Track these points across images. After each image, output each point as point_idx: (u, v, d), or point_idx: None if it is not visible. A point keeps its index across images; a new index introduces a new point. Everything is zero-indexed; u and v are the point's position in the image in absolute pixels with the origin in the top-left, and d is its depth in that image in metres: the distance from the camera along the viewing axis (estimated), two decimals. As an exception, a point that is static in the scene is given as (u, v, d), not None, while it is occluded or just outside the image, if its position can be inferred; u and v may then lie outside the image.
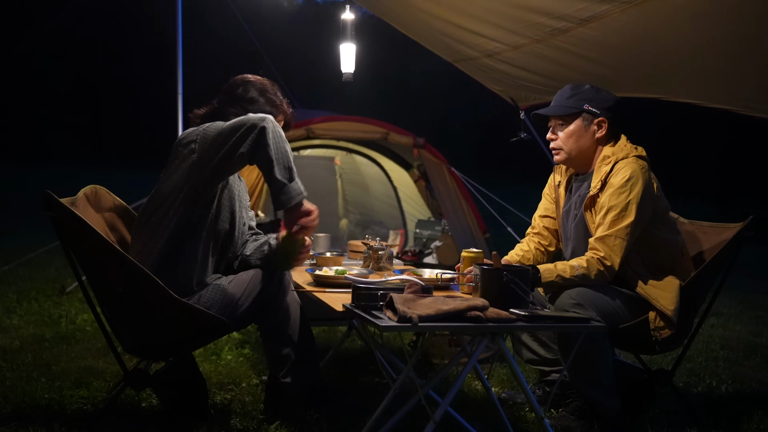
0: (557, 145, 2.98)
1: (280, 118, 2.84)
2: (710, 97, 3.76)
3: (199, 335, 2.70)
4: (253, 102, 2.79)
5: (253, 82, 2.85)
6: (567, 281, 2.72)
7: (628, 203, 2.73)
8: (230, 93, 2.82)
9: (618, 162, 2.82)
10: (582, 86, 2.97)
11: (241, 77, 2.86)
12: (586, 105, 2.91)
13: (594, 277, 2.72)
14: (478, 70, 4.75)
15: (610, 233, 2.73)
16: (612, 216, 2.74)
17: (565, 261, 2.82)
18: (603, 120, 2.90)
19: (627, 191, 2.74)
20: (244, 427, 2.73)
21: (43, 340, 4.00)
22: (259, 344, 3.95)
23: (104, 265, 2.58)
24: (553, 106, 3.00)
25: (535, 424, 2.92)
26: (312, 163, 7.94)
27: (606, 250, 2.72)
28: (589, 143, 2.93)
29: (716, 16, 2.97)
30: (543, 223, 3.19)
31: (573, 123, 2.93)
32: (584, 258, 2.76)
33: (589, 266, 2.72)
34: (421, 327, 2.14)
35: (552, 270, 2.75)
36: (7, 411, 2.84)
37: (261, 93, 2.82)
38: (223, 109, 2.78)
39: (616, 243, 2.72)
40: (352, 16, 4.60)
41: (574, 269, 2.73)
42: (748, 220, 2.91)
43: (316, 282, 2.88)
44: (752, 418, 3.09)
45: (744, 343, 4.80)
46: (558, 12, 3.40)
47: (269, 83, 2.89)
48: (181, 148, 2.62)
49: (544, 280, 2.73)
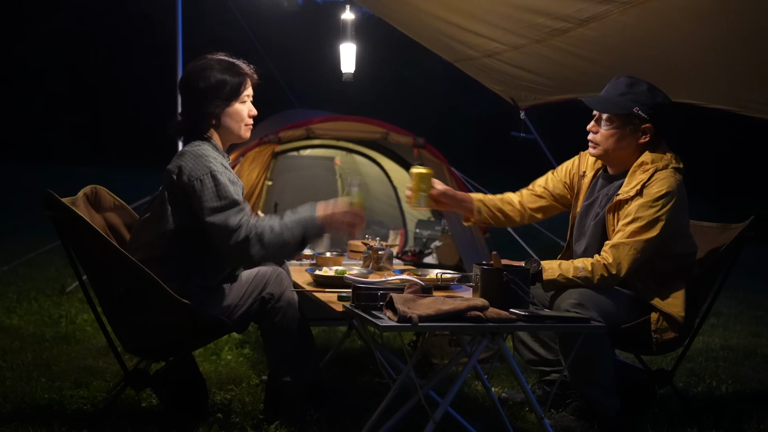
0: (596, 140, 2.86)
1: (248, 84, 2.77)
2: (710, 97, 3.76)
3: (199, 335, 2.70)
4: (223, 84, 2.68)
5: (210, 64, 2.72)
6: (569, 281, 2.68)
7: (655, 219, 2.65)
8: (193, 90, 2.70)
9: (658, 171, 2.72)
10: (639, 84, 2.80)
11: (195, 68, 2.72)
12: (636, 108, 2.76)
13: (596, 282, 2.67)
14: (478, 70, 4.75)
15: (626, 242, 2.67)
16: (634, 227, 2.67)
17: (570, 261, 2.77)
18: (649, 127, 2.78)
19: (658, 206, 2.66)
20: (244, 427, 2.73)
21: (43, 340, 4.00)
22: (259, 344, 3.95)
23: (105, 265, 2.59)
24: (602, 98, 2.85)
25: (535, 424, 2.92)
26: (312, 163, 7.93)
27: (615, 258, 2.66)
28: (629, 146, 2.81)
29: (716, 16, 2.97)
30: (538, 192, 3.13)
31: (618, 123, 2.79)
32: (590, 261, 2.70)
33: (593, 270, 2.67)
34: (421, 327, 2.14)
35: (555, 268, 2.69)
36: (7, 411, 2.84)
37: (224, 71, 2.71)
38: (197, 117, 2.69)
39: (629, 253, 2.66)
40: (352, 16, 4.60)
41: (577, 270, 2.68)
42: (749, 221, 2.91)
43: (316, 282, 2.88)
44: (752, 418, 3.09)
45: (744, 343, 4.80)
46: (558, 12, 3.39)
47: (226, 56, 2.79)
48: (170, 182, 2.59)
49: (546, 277, 2.67)
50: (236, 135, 2.77)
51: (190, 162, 2.56)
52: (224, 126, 2.73)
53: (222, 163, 2.62)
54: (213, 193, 2.51)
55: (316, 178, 7.96)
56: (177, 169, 2.57)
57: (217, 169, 2.55)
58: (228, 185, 2.53)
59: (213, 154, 2.63)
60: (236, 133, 2.77)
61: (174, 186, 2.59)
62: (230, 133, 2.76)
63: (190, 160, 2.57)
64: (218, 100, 2.68)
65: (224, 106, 2.70)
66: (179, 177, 2.56)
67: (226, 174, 2.57)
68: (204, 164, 2.55)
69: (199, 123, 2.70)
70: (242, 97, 2.74)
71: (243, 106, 2.75)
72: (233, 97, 2.71)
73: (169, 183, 2.61)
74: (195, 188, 2.52)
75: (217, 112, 2.69)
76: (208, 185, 2.51)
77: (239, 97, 2.73)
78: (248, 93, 2.78)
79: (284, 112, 8.38)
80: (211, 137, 2.72)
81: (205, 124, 2.70)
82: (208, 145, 2.68)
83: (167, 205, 2.60)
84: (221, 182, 2.52)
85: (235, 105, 2.72)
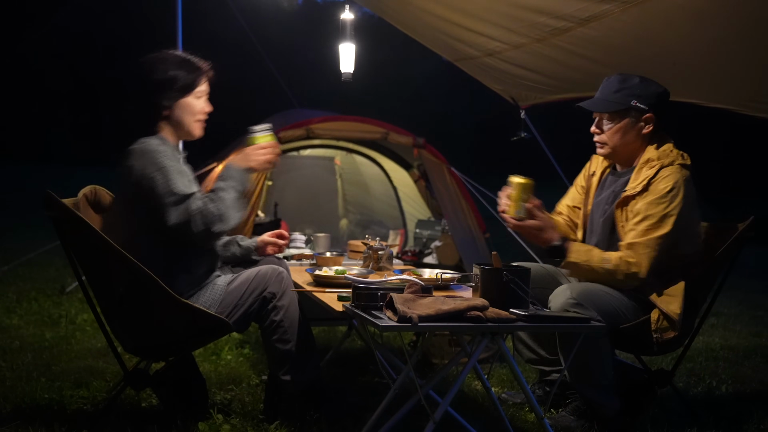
0: (602, 140, 2.90)
1: (203, 81, 2.78)
2: (710, 96, 3.76)
3: (199, 335, 2.70)
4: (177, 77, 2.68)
5: (166, 57, 2.73)
6: (592, 270, 2.68)
7: (665, 215, 2.67)
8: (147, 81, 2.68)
9: (663, 168, 2.75)
10: (631, 79, 2.85)
11: (150, 59, 2.72)
12: (633, 101, 2.81)
13: (619, 278, 2.68)
14: (479, 70, 4.75)
15: (641, 242, 2.68)
16: (646, 225, 2.68)
17: (599, 250, 2.76)
18: (650, 116, 2.82)
19: (667, 202, 2.69)
20: (244, 426, 2.73)
21: (43, 340, 4.00)
22: (259, 344, 3.95)
23: (104, 265, 2.59)
24: (598, 99, 2.90)
25: (535, 424, 2.91)
26: (312, 163, 7.93)
27: (636, 257, 2.67)
28: (635, 139, 2.86)
29: (716, 15, 2.97)
30: (567, 212, 3.14)
31: (619, 119, 2.84)
32: (615, 255, 2.70)
33: (617, 266, 2.68)
34: (421, 327, 2.14)
35: (582, 251, 2.70)
36: (7, 411, 2.85)
37: (180, 65, 2.72)
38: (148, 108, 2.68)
39: (646, 252, 2.67)
40: (352, 16, 4.59)
41: (603, 261, 2.68)
42: (749, 221, 2.90)
43: (316, 282, 2.88)
44: (752, 418, 3.09)
45: (744, 343, 4.80)
46: (558, 11, 3.39)
47: (182, 53, 2.79)
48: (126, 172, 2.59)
49: (570, 258, 2.68)
50: (187, 130, 2.76)
51: (139, 160, 2.56)
52: (175, 119, 2.72)
53: (170, 154, 2.61)
54: (165, 190, 2.51)
55: (316, 178, 7.96)
56: (127, 170, 2.57)
57: (165, 164, 2.54)
58: (178, 178, 2.54)
59: (160, 148, 2.61)
60: (187, 128, 2.75)
61: (128, 186, 2.59)
62: (181, 128, 2.75)
63: (138, 158, 2.57)
64: (172, 92, 2.68)
65: (177, 98, 2.69)
66: (130, 177, 2.56)
67: (175, 167, 2.57)
68: (152, 161, 2.55)
69: (150, 115, 2.69)
70: (197, 92, 2.74)
71: (197, 101, 2.75)
72: (187, 90, 2.71)
73: (123, 184, 2.61)
74: (148, 187, 2.53)
75: (170, 104, 2.69)
76: (159, 182, 2.52)
77: (193, 92, 2.73)
78: (203, 89, 2.78)
79: (284, 112, 8.38)
80: (160, 131, 2.71)
81: (156, 116, 2.69)
82: (156, 139, 2.66)
83: (129, 207, 2.60)
84: (171, 178, 2.52)
85: (188, 98, 2.72)
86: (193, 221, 2.49)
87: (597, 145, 2.95)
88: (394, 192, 7.38)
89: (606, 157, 2.98)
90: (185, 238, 2.54)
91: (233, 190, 2.61)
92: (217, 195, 2.57)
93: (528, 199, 2.67)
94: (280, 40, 22.57)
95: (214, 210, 2.52)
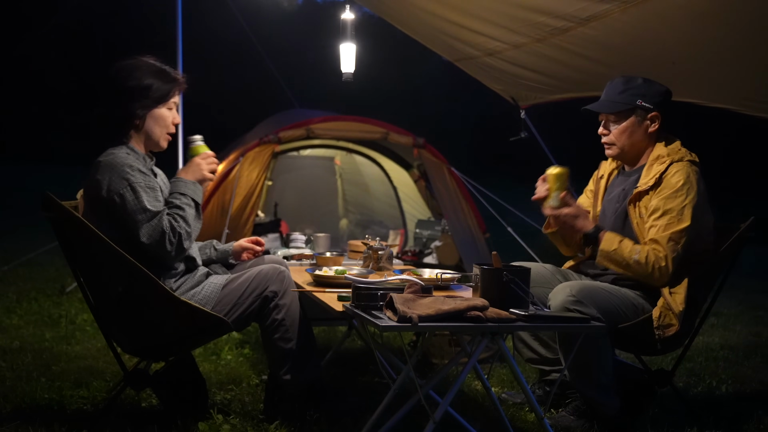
0: (610, 141, 2.94)
1: (177, 92, 2.76)
2: (711, 96, 3.76)
3: (197, 334, 2.70)
4: (152, 86, 2.66)
5: (141, 65, 2.69)
6: (623, 260, 2.71)
7: (683, 207, 2.70)
8: (121, 89, 2.64)
9: (674, 163, 2.78)
10: (634, 80, 2.89)
11: (125, 66, 2.68)
12: (639, 100, 2.85)
13: (649, 271, 2.69)
14: (479, 69, 4.75)
15: (665, 235, 2.69)
16: (667, 219, 2.70)
17: (629, 240, 2.77)
18: (656, 115, 2.86)
19: (684, 195, 2.71)
20: (244, 426, 2.73)
21: (43, 340, 4.00)
22: (259, 344, 3.95)
23: (103, 265, 2.58)
24: (604, 101, 2.94)
25: (535, 424, 2.91)
26: (312, 163, 7.94)
27: (664, 251, 2.69)
28: (642, 138, 2.89)
29: (716, 15, 2.97)
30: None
31: (626, 119, 2.88)
32: (645, 248, 2.71)
33: (648, 258, 2.69)
34: (421, 327, 2.14)
35: (614, 241, 2.73)
36: (7, 411, 2.85)
37: (155, 74, 2.69)
38: (120, 116, 2.65)
39: (671, 246, 2.68)
40: (352, 16, 4.59)
41: (633, 251, 2.70)
42: (749, 221, 2.90)
43: (316, 282, 2.88)
44: (752, 418, 3.09)
45: (744, 343, 4.80)
46: (558, 11, 3.39)
47: (156, 60, 2.76)
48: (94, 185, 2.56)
49: (603, 246, 2.73)
50: (155, 141, 2.73)
51: (107, 175, 2.52)
52: (146, 129, 2.69)
53: (139, 168, 2.57)
54: (136, 207, 2.49)
55: (316, 178, 7.96)
56: (96, 183, 2.54)
57: (134, 179, 2.52)
58: (146, 194, 2.52)
59: (129, 160, 2.57)
60: (155, 139, 2.72)
61: (95, 201, 2.56)
62: (150, 139, 2.71)
63: (106, 172, 2.53)
64: (146, 100, 2.65)
65: (151, 107, 2.67)
66: (98, 192, 2.53)
67: (144, 181, 2.55)
68: (120, 176, 2.51)
69: (120, 123, 2.66)
70: (169, 103, 2.72)
71: (169, 113, 2.73)
72: (161, 101, 2.69)
73: (91, 198, 2.59)
74: (117, 203, 2.50)
75: (143, 113, 2.66)
76: (129, 199, 2.50)
77: (167, 103, 2.71)
78: (176, 101, 2.76)
79: (284, 112, 8.38)
80: (128, 141, 2.68)
81: (128, 124, 2.66)
82: (125, 149, 2.62)
83: (98, 221, 2.55)
84: (140, 194, 2.51)
85: (161, 109, 2.70)
86: (165, 239, 2.49)
87: (605, 146, 2.98)
88: (394, 192, 7.38)
89: (615, 158, 3.01)
90: (156, 254, 2.53)
91: (190, 206, 2.60)
92: (178, 212, 2.56)
93: (563, 188, 2.82)
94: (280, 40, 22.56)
95: (180, 228, 2.53)
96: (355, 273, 2.84)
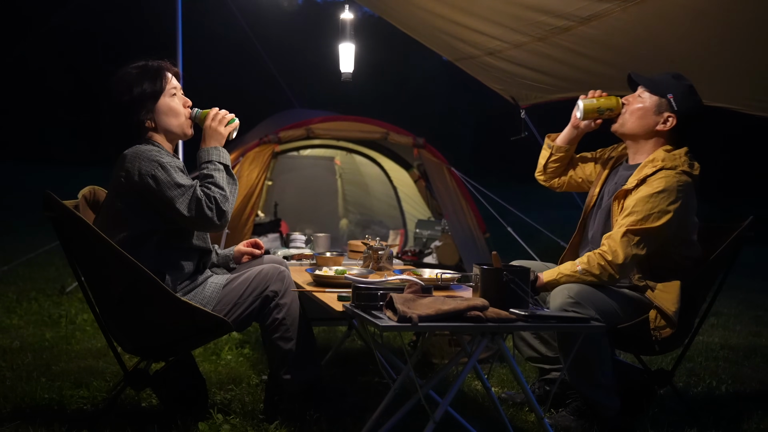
0: (626, 110, 2.93)
1: (169, 77, 2.74)
2: (711, 95, 3.75)
3: (198, 334, 2.70)
4: (144, 90, 2.66)
5: (125, 77, 2.69)
6: (571, 276, 2.72)
7: (651, 215, 2.69)
8: (121, 105, 2.67)
9: (663, 170, 2.76)
10: (683, 80, 2.89)
11: (115, 83, 2.70)
12: (670, 95, 2.85)
13: (598, 272, 2.69)
14: (479, 69, 4.75)
15: (620, 231, 2.71)
16: (630, 219, 2.71)
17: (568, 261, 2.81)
18: (672, 118, 2.84)
19: (657, 201, 2.70)
20: (243, 426, 2.73)
21: (43, 340, 4.00)
22: (259, 344, 3.95)
23: (104, 265, 2.58)
24: (650, 78, 2.93)
25: (535, 424, 2.91)
26: (312, 163, 7.94)
27: (612, 247, 2.69)
28: (648, 129, 2.88)
29: (716, 14, 2.97)
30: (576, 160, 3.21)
31: (648, 100, 2.87)
32: (586, 255, 2.75)
33: (589, 261, 2.71)
34: (421, 327, 2.14)
35: (553, 271, 2.76)
36: (7, 411, 2.84)
37: (141, 76, 2.69)
38: (131, 127, 2.68)
39: (623, 241, 2.68)
40: (351, 16, 4.59)
41: (574, 265, 2.73)
42: (748, 221, 2.90)
43: (316, 282, 2.88)
44: (752, 418, 3.09)
45: (744, 343, 4.80)
46: (559, 10, 3.40)
47: (135, 62, 2.76)
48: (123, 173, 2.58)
49: (546, 278, 2.73)
50: (176, 133, 2.74)
51: (136, 163, 2.54)
52: (162, 125, 2.70)
53: (164, 153, 2.61)
54: (170, 183, 2.51)
55: (316, 178, 7.97)
56: (126, 173, 2.55)
57: (162, 160, 2.55)
58: (176, 172, 2.55)
59: (153, 149, 2.61)
60: (175, 131, 2.73)
61: (129, 191, 2.56)
62: (170, 131, 2.73)
63: (135, 161, 2.55)
64: (144, 104, 2.67)
65: (152, 107, 2.68)
66: (129, 180, 2.54)
67: (172, 162, 2.58)
68: (150, 159, 2.54)
69: (135, 132, 2.69)
70: (168, 92, 2.72)
71: (173, 99, 2.73)
72: (157, 96, 2.69)
73: (123, 190, 2.58)
74: (150, 185, 2.52)
75: (149, 116, 2.68)
76: (161, 178, 2.52)
77: (164, 93, 2.71)
78: (173, 85, 2.75)
79: (284, 112, 8.39)
80: (151, 139, 2.70)
81: (141, 130, 2.69)
82: (147, 144, 2.66)
83: (123, 214, 2.57)
84: (171, 172, 2.53)
85: (162, 100, 2.70)
86: (203, 206, 2.50)
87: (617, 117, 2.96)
88: (394, 192, 7.38)
89: (617, 132, 2.98)
90: (202, 224, 2.55)
91: (219, 170, 2.61)
92: (208, 180, 2.58)
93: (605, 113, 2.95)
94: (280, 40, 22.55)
95: (214, 192, 2.55)
96: (355, 273, 2.83)
